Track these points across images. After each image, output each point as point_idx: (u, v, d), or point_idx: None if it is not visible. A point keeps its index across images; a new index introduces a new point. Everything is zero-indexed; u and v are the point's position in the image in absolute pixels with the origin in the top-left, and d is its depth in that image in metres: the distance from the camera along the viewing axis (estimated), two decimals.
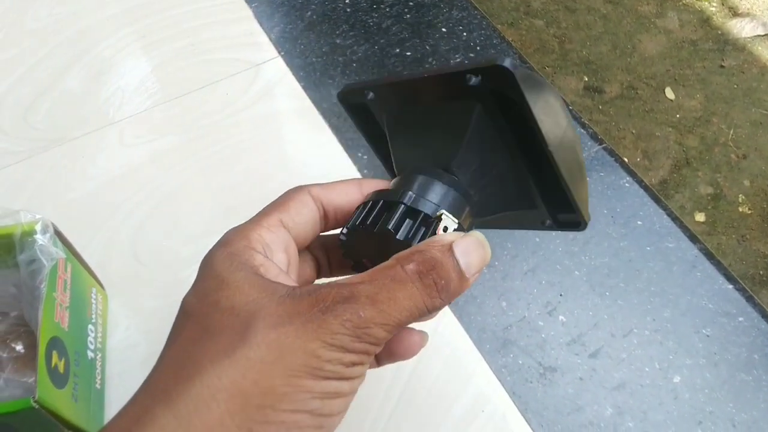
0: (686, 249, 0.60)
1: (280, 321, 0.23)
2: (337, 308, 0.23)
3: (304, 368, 0.22)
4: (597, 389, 0.53)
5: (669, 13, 1.81)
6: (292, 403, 0.22)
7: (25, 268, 0.43)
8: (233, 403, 0.21)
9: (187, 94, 0.68)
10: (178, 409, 0.21)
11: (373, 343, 0.24)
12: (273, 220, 0.28)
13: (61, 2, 0.76)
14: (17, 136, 0.64)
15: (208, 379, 0.21)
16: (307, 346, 0.22)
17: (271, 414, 0.21)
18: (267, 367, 0.22)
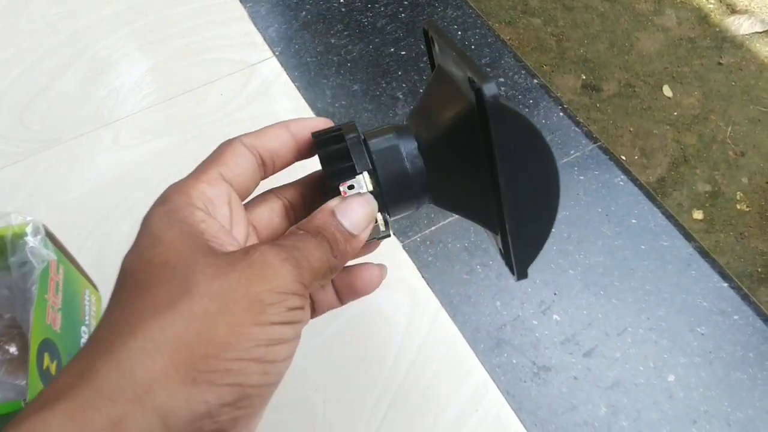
0: (681, 247, 0.60)
1: (221, 271, 0.23)
2: (275, 250, 0.24)
3: (249, 316, 0.22)
4: (591, 388, 0.53)
5: (666, 11, 1.81)
6: (236, 351, 0.22)
7: (16, 270, 0.43)
8: (177, 355, 0.21)
9: (183, 94, 0.68)
10: (121, 362, 0.21)
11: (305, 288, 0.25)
12: (213, 174, 0.28)
13: (56, 3, 0.76)
14: (13, 137, 0.64)
15: (150, 332, 0.22)
16: (250, 291, 0.23)
17: (215, 363, 0.21)
18: (210, 318, 0.22)
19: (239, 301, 0.23)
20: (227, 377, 0.22)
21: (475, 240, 0.60)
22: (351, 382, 0.52)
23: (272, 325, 0.23)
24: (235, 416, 0.22)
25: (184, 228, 0.25)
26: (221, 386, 0.22)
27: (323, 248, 0.26)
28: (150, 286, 0.23)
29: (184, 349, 0.21)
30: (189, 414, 0.21)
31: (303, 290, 0.25)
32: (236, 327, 0.22)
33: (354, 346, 0.53)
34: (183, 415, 0.21)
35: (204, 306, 0.22)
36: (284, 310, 0.23)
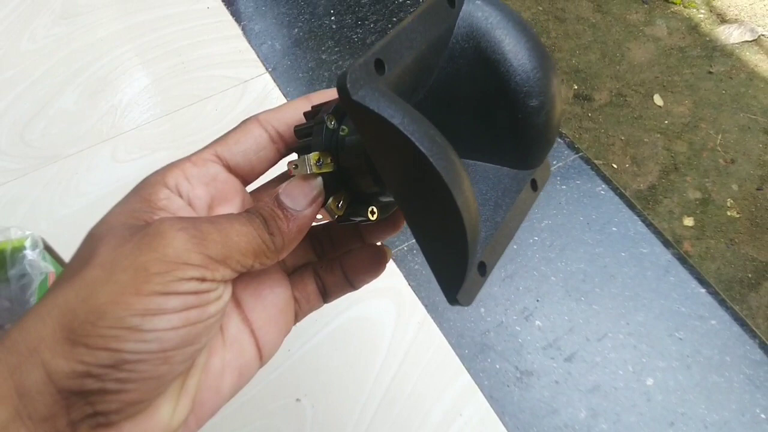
0: (660, 254, 0.62)
1: (121, 242, 0.24)
2: (173, 221, 0.25)
3: (131, 284, 0.23)
4: (572, 392, 0.55)
5: (657, 21, 1.84)
6: (109, 320, 0.23)
7: (15, 282, 0.45)
8: (62, 319, 0.23)
9: (178, 110, 0.71)
10: (24, 323, 0.24)
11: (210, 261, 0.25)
12: (206, 154, 0.29)
13: (56, 24, 0.78)
14: (14, 154, 0.66)
15: (50, 298, 0.24)
16: (138, 260, 0.23)
17: (90, 329, 0.23)
18: (97, 285, 0.23)
19: (126, 270, 0.23)
20: (100, 342, 0.23)
21: None
22: (339, 387, 0.54)
23: (153, 295, 0.23)
24: (117, 378, 0.23)
25: (134, 204, 0.26)
26: (96, 350, 0.23)
27: (253, 223, 0.26)
28: (72, 259, 0.25)
29: (69, 314, 0.23)
30: (69, 370, 0.23)
31: (206, 262, 0.24)
32: (116, 295, 0.23)
33: (342, 352, 0.55)
34: (64, 370, 0.23)
35: (95, 274, 0.24)
36: (172, 279, 0.24)
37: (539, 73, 0.29)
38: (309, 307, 0.32)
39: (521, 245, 0.62)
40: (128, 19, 0.79)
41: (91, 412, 0.24)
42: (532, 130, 0.29)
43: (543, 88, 0.29)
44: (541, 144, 0.30)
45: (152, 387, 0.24)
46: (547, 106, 0.29)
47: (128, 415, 0.24)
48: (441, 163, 0.23)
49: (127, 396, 0.24)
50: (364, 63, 0.24)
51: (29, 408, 0.23)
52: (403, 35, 0.26)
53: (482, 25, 0.29)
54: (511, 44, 0.29)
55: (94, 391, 0.23)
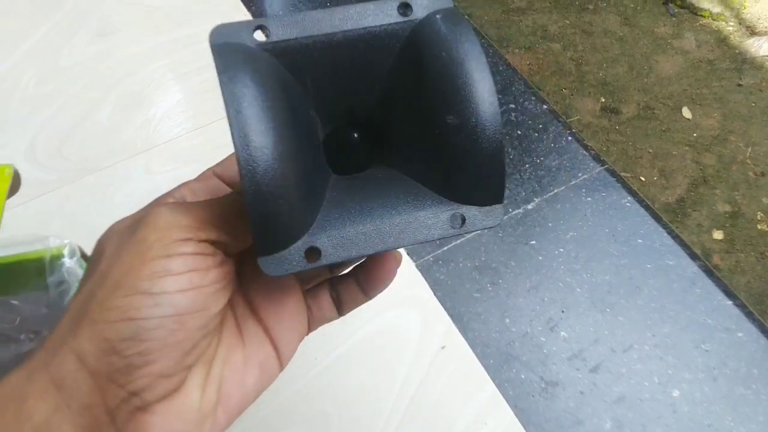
0: (686, 266, 0.62)
1: (122, 236, 0.28)
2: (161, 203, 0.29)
3: (136, 256, 0.26)
4: (597, 403, 0.55)
5: (686, 34, 1.83)
6: (124, 289, 0.25)
7: (54, 289, 0.47)
8: (84, 306, 0.26)
9: (211, 124, 0.73)
10: (57, 325, 0.27)
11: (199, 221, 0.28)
12: (207, 173, 0.33)
13: (92, 42, 0.81)
14: (52, 166, 0.69)
15: (73, 299, 0.27)
16: (137, 235, 0.27)
17: (107, 304, 0.25)
18: (109, 269, 0.26)
19: (128, 248, 0.26)
20: (118, 313, 0.25)
21: (486, 260, 0.63)
22: (365, 396, 0.54)
23: (157, 259, 0.26)
24: (139, 350, 0.25)
25: (139, 212, 0.30)
26: (115, 323, 0.25)
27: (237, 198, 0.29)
28: (88, 264, 0.29)
29: (88, 301, 0.26)
30: (96, 350, 0.25)
31: (195, 223, 0.27)
32: (125, 269, 0.26)
33: (367, 362, 0.56)
34: (92, 351, 0.25)
35: (105, 264, 0.27)
36: (169, 242, 0.26)
37: (468, 89, 0.26)
38: (321, 315, 0.34)
39: (546, 256, 0.63)
40: (161, 36, 0.81)
41: (124, 395, 0.25)
42: (451, 151, 0.27)
43: (466, 105, 0.27)
44: (468, 175, 0.28)
45: (174, 356, 0.26)
46: (467, 128, 0.27)
47: (160, 395, 0.26)
48: (230, 96, 0.25)
49: (152, 367, 0.25)
50: (245, 24, 0.27)
51: (68, 399, 0.25)
52: (314, 18, 0.28)
53: (430, 38, 0.28)
54: (450, 53, 0.27)
55: (121, 369, 0.25)
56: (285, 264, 0.26)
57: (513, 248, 0.63)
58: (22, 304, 0.51)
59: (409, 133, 0.30)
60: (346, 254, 0.27)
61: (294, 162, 0.26)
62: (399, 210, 0.28)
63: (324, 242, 0.27)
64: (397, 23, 0.28)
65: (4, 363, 0.50)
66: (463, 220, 0.28)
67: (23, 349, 0.52)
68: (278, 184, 0.25)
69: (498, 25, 1.89)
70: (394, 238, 0.28)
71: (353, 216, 0.28)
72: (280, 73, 0.28)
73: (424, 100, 0.28)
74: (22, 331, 0.52)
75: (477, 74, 0.26)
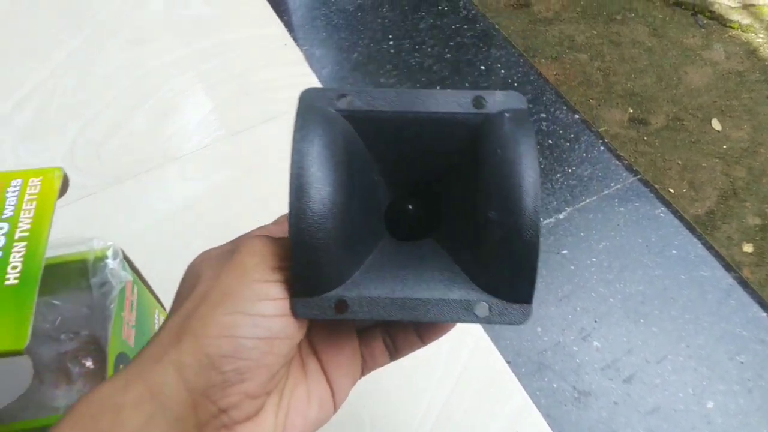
0: (721, 278, 0.61)
1: (219, 262, 0.30)
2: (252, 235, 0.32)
3: (235, 279, 0.28)
4: (631, 413, 0.55)
5: (715, 45, 1.81)
6: (225, 307, 0.27)
7: (97, 290, 0.48)
8: (186, 322, 0.27)
9: (243, 131, 0.74)
10: (156, 338, 0.28)
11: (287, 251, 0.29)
12: (281, 219, 0.35)
13: (127, 50, 0.82)
14: (89, 171, 0.70)
15: (172, 317, 0.28)
16: (235, 260, 0.29)
17: (210, 321, 0.27)
18: (209, 290, 0.28)
19: (228, 270, 0.28)
20: (221, 330, 0.27)
21: None
22: (396, 403, 0.55)
23: (256, 283, 0.28)
24: (236, 367, 0.26)
25: (225, 245, 0.32)
26: (217, 338, 0.26)
27: None
28: (181, 287, 0.31)
29: (190, 317, 0.27)
30: (196, 364, 0.26)
31: (286, 254, 0.29)
32: (226, 289, 0.28)
33: (399, 367, 0.56)
34: (192, 365, 0.26)
35: (205, 285, 0.28)
36: (266, 268, 0.28)
37: (513, 192, 0.28)
38: (373, 363, 0.36)
39: (578, 266, 0.63)
40: (194, 45, 0.83)
41: (215, 411, 0.27)
42: (488, 244, 0.29)
43: (510, 207, 0.28)
44: (501, 270, 0.29)
45: (263, 378, 0.28)
46: (507, 226, 0.28)
47: (244, 416, 0.28)
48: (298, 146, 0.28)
49: (243, 386, 0.27)
50: (329, 91, 0.30)
51: (162, 410, 0.26)
52: (391, 95, 0.30)
53: (491, 136, 0.29)
54: (505, 153, 0.28)
55: (217, 384, 0.26)
56: (314, 309, 0.29)
57: (545, 257, 0.63)
58: (64, 304, 0.52)
59: (458, 215, 0.32)
60: (372, 314, 0.29)
61: (341, 220, 0.28)
62: (430, 287, 0.30)
63: (354, 299, 0.29)
64: (468, 113, 0.30)
65: (45, 362, 0.51)
66: (489, 311, 0.29)
67: (63, 348, 0.53)
68: (321, 237, 0.27)
69: (524, 36, 1.89)
70: (418, 312, 0.29)
71: (386, 281, 0.30)
72: (352, 139, 0.30)
73: (475, 189, 0.29)
74: (62, 331, 0.53)
75: (526, 180, 0.28)
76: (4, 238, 0.39)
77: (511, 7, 2.02)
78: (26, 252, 0.38)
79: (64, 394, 0.50)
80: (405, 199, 0.34)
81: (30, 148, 0.72)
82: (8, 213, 0.40)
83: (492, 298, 0.29)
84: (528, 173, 0.28)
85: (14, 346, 0.34)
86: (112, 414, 0.26)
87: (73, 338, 0.54)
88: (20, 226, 0.39)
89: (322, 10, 0.88)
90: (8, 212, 0.40)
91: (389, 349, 0.36)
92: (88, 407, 0.26)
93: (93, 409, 0.26)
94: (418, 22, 0.86)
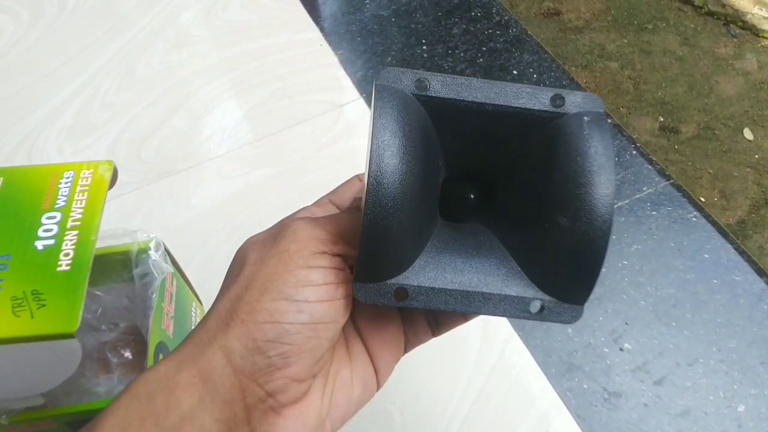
0: (753, 282, 0.61)
1: (264, 246, 0.31)
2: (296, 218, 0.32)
3: (280, 265, 0.29)
4: (661, 415, 0.55)
5: (747, 55, 1.80)
6: (271, 293, 0.28)
7: (139, 280, 0.50)
8: (233, 306, 0.28)
9: (278, 132, 0.75)
10: (204, 322, 0.29)
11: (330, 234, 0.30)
12: (324, 200, 0.36)
13: (168, 53, 0.85)
14: (131, 168, 0.72)
15: (220, 300, 0.29)
16: (279, 246, 0.29)
17: (256, 306, 0.28)
18: (253, 275, 0.29)
19: (273, 256, 0.29)
20: (266, 316, 0.27)
21: None
22: (427, 398, 0.55)
23: (300, 269, 0.28)
24: (281, 352, 0.27)
25: (271, 228, 0.33)
26: (262, 324, 0.27)
27: (350, 212, 0.33)
28: (230, 270, 0.32)
29: (237, 302, 0.28)
30: (243, 348, 0.27)
31: (328, 236, 0.30)
32: (271, 275, 0.28)
33: (430, 364, 0.57)
34: (238, 350, 0.27)
35: (250, 270, 0.29)
36: (309, 253, 0.29)
37: (590, 202, 0.28)
38: (417, 340, 0.36)
39: (610, 269, 0.63)
40: (234, 48, 0.85)
41: (262, 394, 0.28)
42: (554, 247, 0.29)
43: (583, 215, 0.28)
44: (561, 272, 0.29)
45: (308, 362, 0.28)
46: (577, 233, 0.28)
47: (291, 399, 0.28)
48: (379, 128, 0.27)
49: (289, 370, 0.28)
50: (408, 72, 0.29)
51: (212, 392, 0.27)
52: (474, 84, 0.30)
53: (570, 137, 0.29)
54: (585, 161, 0.28)
55: (263, 368, 0.27)
56: (375, 295, 0.29)
57: None
58: (105, 295, 0.53)
59: (519, 210, 0.32)
60: (430, 304, 0.29)
61: (412, 210, 0.28)
62: (488, 282, 0.30)
63: (414, 288, 0.29)
64: (546, 111, 0.30)
65: (87, 350, 0.53)
66: (541, 309, 0.30)
67: (104, 338, 0.54)
68: (395, 227, 0.27)
69: (554, 44, 1.89)
70: (475, 306, 0.30)
71: (445, 271, 0.30)
72: (426, 124, 0.31)
73: (545, 190, 0.29)
74: (103, 322, 0.54)
75: (604, 192, 0.28)
76: (57, 227, 0.40)
77: (542, 16, 2.02)
78: (78, 240, 0.40)
79: (104, 383, 0.52)
80: (460, 182, 0.35)
81: (73, 146, 0.75)
82: (61, 203, 0.42)
83: (546, 296, 0.30)
84: (607, 186, 0.28)
85: (66, 329, 0.36)
86: (166, 393, 0.27)
87: (113, 329, 0.56)
88: (72, 215, 0.41)
89: (356, 15, 0.89)
90: (61, 202, 0.42)
91: (431, 325, 0.36)
92: (145, 385, 0.28)
93: (149, 388, 0.27)
94: (452, 27, 0.87)
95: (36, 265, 0.38)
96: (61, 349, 0.38)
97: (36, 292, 0.37)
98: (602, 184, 0.28)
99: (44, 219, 0.41)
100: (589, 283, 0.29)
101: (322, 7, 0.91)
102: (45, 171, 0.44)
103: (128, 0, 0.91)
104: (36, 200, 0.42)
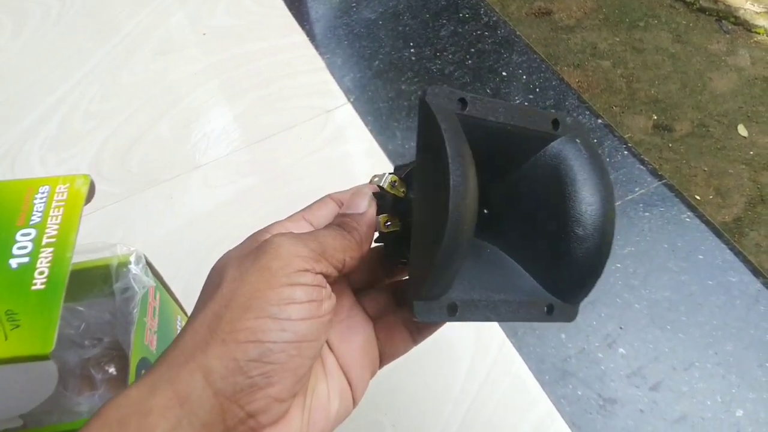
0: (749, 283, 0.60)
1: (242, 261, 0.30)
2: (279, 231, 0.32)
3: (261, 282, 0.28)
4: (657, 422, 0.54)
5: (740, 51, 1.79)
6: (253, 311, 0.27)
7: (119, 295, 0.49)
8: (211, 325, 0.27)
9: (265, 138, 0.74)
10: (179, 341, 0.28)
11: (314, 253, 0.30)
12: (296, 216, 0.35)
13: (152, 60, 0.84)
14: (115, 179, 0.71)
15: (197, 317, 0.28)
16: (260, 263, 0.29)
17: (238, 325, 0.27)
18: (234, 293, 0.28)
19: (253, 273, 0.28)
20: (248, 334, 0.27)
21: None
22: (419, 407, 0.54)
23: (283, 287, 0.28)
24: (264, 371, 0.26)
25: (246, 243, 0.32)
26: (244, 343, 0.26)
27: (334, 229, 0.32)
28: (205, 286, 0.31)
29: (216, 321, 0.27)
30: (224, 369, 0.26)
31: (311, 254, 0.29)
32: (252, 293, 0.27)
33: (422, 373, 0.56)
34: (219, 370, 0.26)
35: (229, 287, 0.28)
36: (292, 271, 0.28)
37: (599, 211, 0.32)
38: (395, 351, 0.36)
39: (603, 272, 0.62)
40: (220, 54, 0.84)
41: (242, 415, 0.27)
42: (569, 259, 0.33)
43: (595, 225, 0.32)
44: (574, 278, 0.33)
45: (290, 381, 0.28)
46: (591, 243, 0.32)
47: (272, 419, 0.28)
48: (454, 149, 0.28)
49: (272, 390, 0.27)
50: (452, 92, 0.31)
51: (190, 415, 0.26)
52: (498, 106, 0.32)
53: (570, 155, 0.34)
54: (585, 177, 0.33)
55: (245, 389, 0.26)
56: (432, 313, 0.30)
57: None
58: (87, 311, 0.52)
59: (525, 222, 0.35)
60: (474, 317, 0.31)
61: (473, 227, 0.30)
62: (514, 289, 0.33)
63: (461, 301, 0.31)
64: (547, 133, 0.34)
65: (70, 367, 0.52)
66: (551, 311, 0.34)
67: (87, 354, 0.53)
68: (465, 245, 0.29)
69: (546, 44, 1.89)
70: (504, 315, 0.32)
71: (475, 286, 0.32)
72: None
73: (555, 205, 0.33)
74: (86, 337, 0.53)
75: (610, 209, 0.33)
76: (32, 244, 0.39)
77: (533, 16, 2.01)
78: (53, 258, 0.39)
79: (87, 400, 0.51)
80: None
81: (57, 156, 0.74)
82: (36, 219, 0.40)
83: (554, 299, 0.34)
84: (611, 204, 0.33)
85: (40, 350, 0.34)
86: (138, 418, 0.26)
87: (97, 344, 0.54)
88: (47, 232, 0.40)
89: (343, 19, 0.88)
90: (36, 218, 0.40)
91: (413, 333, 0.35)
92: (116, 411, 0.26)
93: (120, 414, 0.26)
94: (439, 29, 0.86)
95: (10, 285, 0.37)
96: (36, 371, 0.37)
97: (10, 312, 0.36)
98: (609, 204, 0.33)
99: (19, 236, 0.39)
100: (591, 287, 0.34)
101: (308, 12, 0.90)
102: (20, 186, 0.42)
103: (112, 8, 0.90)
104: (10, 216, 0.40)
